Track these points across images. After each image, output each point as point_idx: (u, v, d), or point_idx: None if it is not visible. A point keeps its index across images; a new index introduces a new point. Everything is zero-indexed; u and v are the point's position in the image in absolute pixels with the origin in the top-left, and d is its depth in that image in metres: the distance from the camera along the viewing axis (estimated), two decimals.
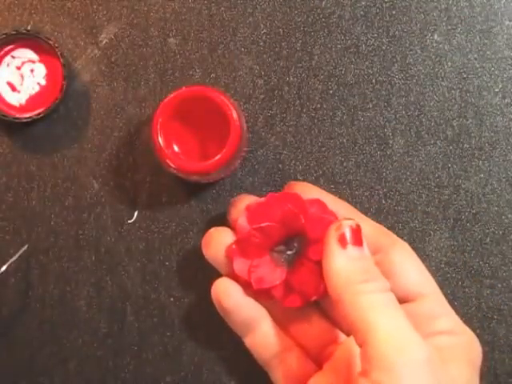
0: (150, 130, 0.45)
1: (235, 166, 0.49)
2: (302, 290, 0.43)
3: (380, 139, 0.50)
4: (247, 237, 0.43)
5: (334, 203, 0.44)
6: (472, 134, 0.50)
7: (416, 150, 0.50)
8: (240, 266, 0.43)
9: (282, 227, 0.43)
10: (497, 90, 0.50)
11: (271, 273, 0.43)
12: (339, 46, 0.50)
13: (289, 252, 0.43)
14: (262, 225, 0.43)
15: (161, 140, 0.45)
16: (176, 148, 0.47)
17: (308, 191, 0.45)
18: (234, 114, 0.45)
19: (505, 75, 0.50)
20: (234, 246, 0.44)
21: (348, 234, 0.39)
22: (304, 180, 0.50)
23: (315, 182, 0.50)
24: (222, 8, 0.51)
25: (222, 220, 0.50)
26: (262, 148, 0.50)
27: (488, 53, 0.50)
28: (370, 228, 0.43)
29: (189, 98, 0.45)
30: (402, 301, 0.41)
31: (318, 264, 0.41)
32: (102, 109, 0.50)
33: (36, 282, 0.50)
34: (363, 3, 0.50)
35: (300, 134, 0.50)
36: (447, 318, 0.42)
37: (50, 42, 0.49)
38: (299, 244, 0.43)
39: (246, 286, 0.44)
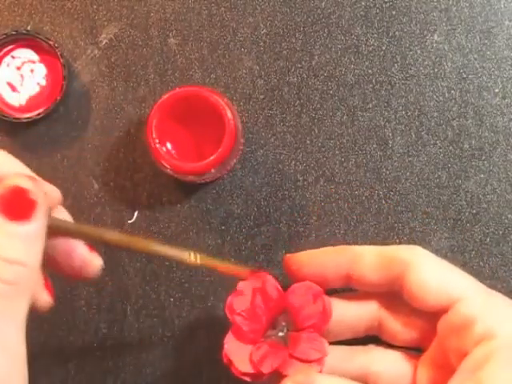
0: (145, 131, 0.45)
1: (231, 166, 0.49)
2: (309, 358, 0.41)
3: (380, 139, 0.50)
4: (237, 327, 0.41)
5: (329, 254, 0.43)
6: (472, 134, 0.50)
7: (416, 150, 0.50)
8: (238, 357, 0.41)
9: (263, 308, 0.42)
10: (497, 90, 0.50)
11: (274, 355, 0.41)
12: (339, 46, 0.50)
13: (280, 333, 0.42)
14: (241, 310, 0.41)
15: (156, 141, 0.45)
16: (171, 148, 0.47)
17: (305, 258, 0.43)
18: (229, 114, 0.45)
19: (505, 75, 0.50)
20: (226, 346, 0.42)
21: None
22: (304, 180, 0.50)
23: (315, 182, 0.50)
24: (222, 8, 0.51)
25: (221, 220, 0.50)
26: (261, 148, 0.50)
27: (488, 53, 0.50)
28: (375, 258, 0.42)
29: (183, 98, 0.45)
30: (439, 314, 0.40)
31: (312, 328, 0.41)
32: (101, 109, 0.50)
33: None
34: (363, 3, 0.50)
35: (300, 134, 0.50)
36: (482, 320, 0.38)
37: (50, 42, 0.49)
38: (286, 321, 0.42)
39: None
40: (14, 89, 0.50)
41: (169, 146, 0.47)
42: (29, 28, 0.50)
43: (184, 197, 0.50)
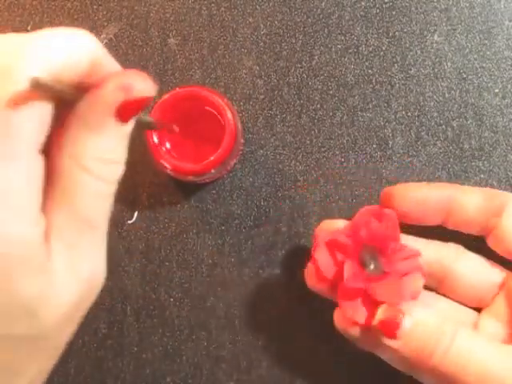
0: (145, 131, 0.45)
1: (231, 166, 0.49)
2: (408, 270, 0.42)
3: (380, 139, 0.50)
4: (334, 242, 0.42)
5: (432, 187, 0.44)
6: (472, 135, 0.50)
7: (416, 150, 0.50)
8: (324, 261, 0.42)
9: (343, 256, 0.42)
10: (497, 90, 0.50)
11: (355, 276, 0.41)
12: (339, 47, 0.50)
13: (372, 267, 0.42)
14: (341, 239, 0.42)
15: (155, 141, 0.45)
16: (171, 149, 0.47)
17: (407, 190, 0.44)
18: (229, 114, 0.45)
19: (505, 75, 0.50)
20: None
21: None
22: (304, 180, 0.50)
23: (315, 182, 0.50)
24: (222, 8, 0.51)
25: (221, 220, 0.50)
26: (262, 148, 0.50)
27: (488, 53, 0.50)
28: (479, 197, 0.43)
29: (183, 98, 0.45)
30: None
31: (394, 242, 0.42)
32: None
33: None
34: (363, 4, 0.50)
35: (300, 134, 0.50)
36: None
37: None
38: (370, 254, 0.42)
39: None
40: None
41: (168, 146, 0.47)
42: (29, 28, 0.50)
43: (184, 197, 0.50)
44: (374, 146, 0.50)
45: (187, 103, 0.46)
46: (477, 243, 0.44)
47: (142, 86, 0.32)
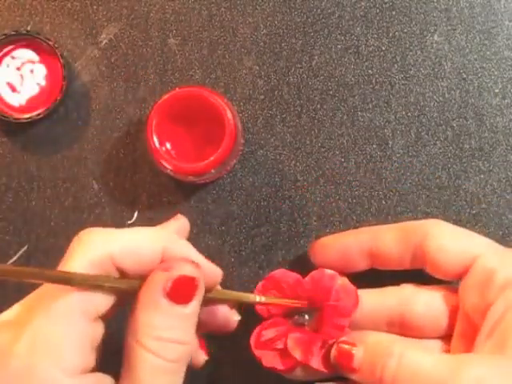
0: (145, 131, 0.45)
1: (231, 166, 0.49)
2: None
3: (380, 140, 0.50)
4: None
5: (351, 235, 0.45)
6: (472, 135, 0.50)
7: (416, 150, 0.50)
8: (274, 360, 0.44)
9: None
10: (497, 90, 0.50)
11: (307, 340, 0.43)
12: (339, 47, 0.50)
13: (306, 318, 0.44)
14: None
15: (155, 141, 0.45)
16: (171, 149, 0.47)
17: (329, 241, 0.46)
18: (229, 114, 0.45)
19: (505, 76, 0.50)
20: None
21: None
22: (304, 180, 0.50)
23: (315, 182, 0.50)
24: (222, 8, 0.51)
25: (221, 220, 0.50)
26: (262, 148, 0.50)
27: (488, 53, 0.50)
28: (396, 232, 0.44)
29: (183, 98, 0.45)
30: (461, 277, 0.42)
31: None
32: (102, 109, 0.50)
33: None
34: (363, 4, 0.50)
35: (300, 134, 0.50)
36: (502, 269, 0.40)
37: (50, 43, 0.49)
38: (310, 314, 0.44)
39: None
40: (14, 89, 0.50)
41: (168, 146, 0.47)
42: (29, 28, 0.51)
43: (184, 197, 0.50)
44: (374, 146, 0.50)
45: (187, 103, 0.46)
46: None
47: (184, 268, 0.36)
